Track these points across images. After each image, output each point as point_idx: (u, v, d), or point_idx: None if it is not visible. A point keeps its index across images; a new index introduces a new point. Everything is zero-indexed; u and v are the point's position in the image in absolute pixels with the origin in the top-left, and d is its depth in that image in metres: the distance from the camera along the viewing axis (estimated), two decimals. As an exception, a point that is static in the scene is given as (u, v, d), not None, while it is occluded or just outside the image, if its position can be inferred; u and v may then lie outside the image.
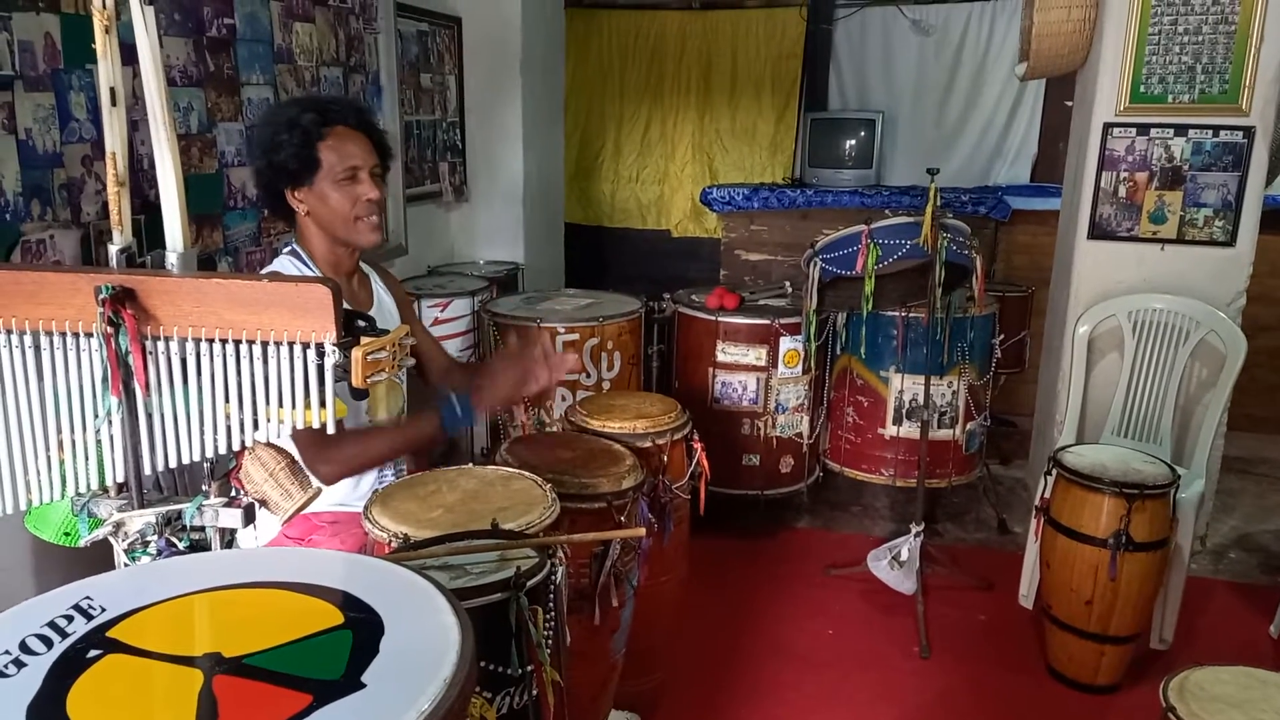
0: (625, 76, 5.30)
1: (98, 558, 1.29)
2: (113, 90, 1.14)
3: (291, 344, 1.20)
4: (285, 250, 1.98)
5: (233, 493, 1.29)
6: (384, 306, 2.11)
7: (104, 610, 0.87)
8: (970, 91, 5.10)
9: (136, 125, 1.91)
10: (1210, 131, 3.21)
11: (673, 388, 3.50)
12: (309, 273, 1.93)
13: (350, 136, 1.88)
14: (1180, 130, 3.23)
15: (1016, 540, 3.61)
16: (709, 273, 5.11)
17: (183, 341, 1.20)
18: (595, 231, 5.53)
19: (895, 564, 3.03)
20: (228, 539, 1.27)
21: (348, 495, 2.05)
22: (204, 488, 1.29)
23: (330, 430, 1.22)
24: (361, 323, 1.35)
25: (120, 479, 1.24)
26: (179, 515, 1.24)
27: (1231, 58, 3.13)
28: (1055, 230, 3.97)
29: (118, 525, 1.22)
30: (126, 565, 1.22)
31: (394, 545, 1.53)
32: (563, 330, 3.14)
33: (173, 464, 1.25)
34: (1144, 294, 3.25)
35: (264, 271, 1.97)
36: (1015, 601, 3.12)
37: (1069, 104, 5.05)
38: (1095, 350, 3.35)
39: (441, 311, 3.46)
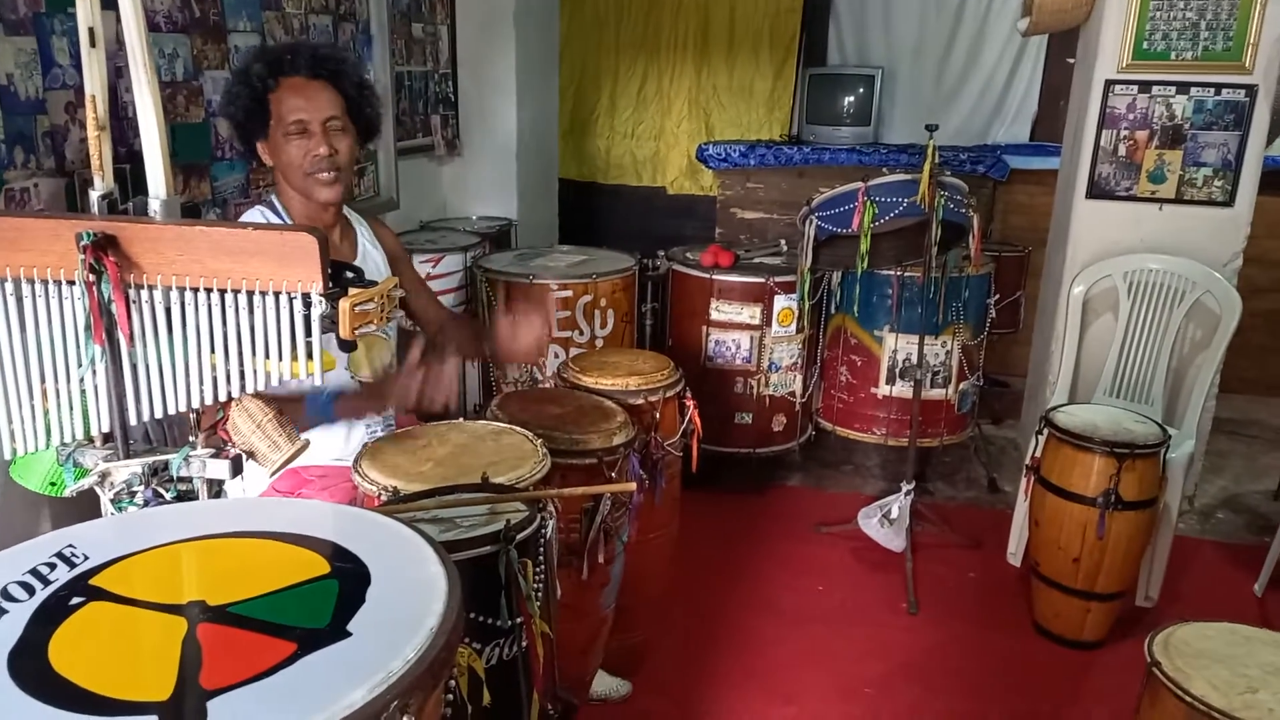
0: (621, 30, 5.20)
1: (84, 507, 1.28)
2: (92, 31, 1.11)
3: (277, 294, 1.18)
4: (261, 202, 1.96)
5: (220, 444, 1.28)
6: (369, 259, 2.08)
7: (87, 558, 0.86)
8: (971, 48, 5.03)
9: (121, 71, 1.87)
10: (1212, 90, 3.17)
11: (666, 346, 3.48)
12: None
13: (303, 88, 1.82)
14: (1182, 88, 3.19)
15: (1006, 499, 3.63)
16: (704, 230, 5.07)
17: (166, 290, 1.19)
18: (589, 188, 5.47)
19: (885, 521, 3.04)
20: (215, 492, 1.26)
21: (338, 449, 2.05)
22: (191, 439, 1.28)
23: (317, 382, 1.20)
24: (349, 274, 1.33)
25: (106, 429, 1.23)
26: (166, 466, 1.23)
27: (1236, 14, 3.08)
28: (1054, 190, 3.93)
29: (103, 475, 1.21)
30: (112, 514, 1.21)
31: (383, 498, 1.53)
32: (556, 286, 3.12)
33: (158, 414, 1.23)
34: (1140, 254, 3.23)
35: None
36: (1004, 559, 3.15)
37: (1071, 61, 4.98)
38: (1090, 310, 3.34)
39: (434, 267, 3.43)
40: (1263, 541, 3.34)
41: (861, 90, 4.79)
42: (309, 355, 1.23)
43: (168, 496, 1.22)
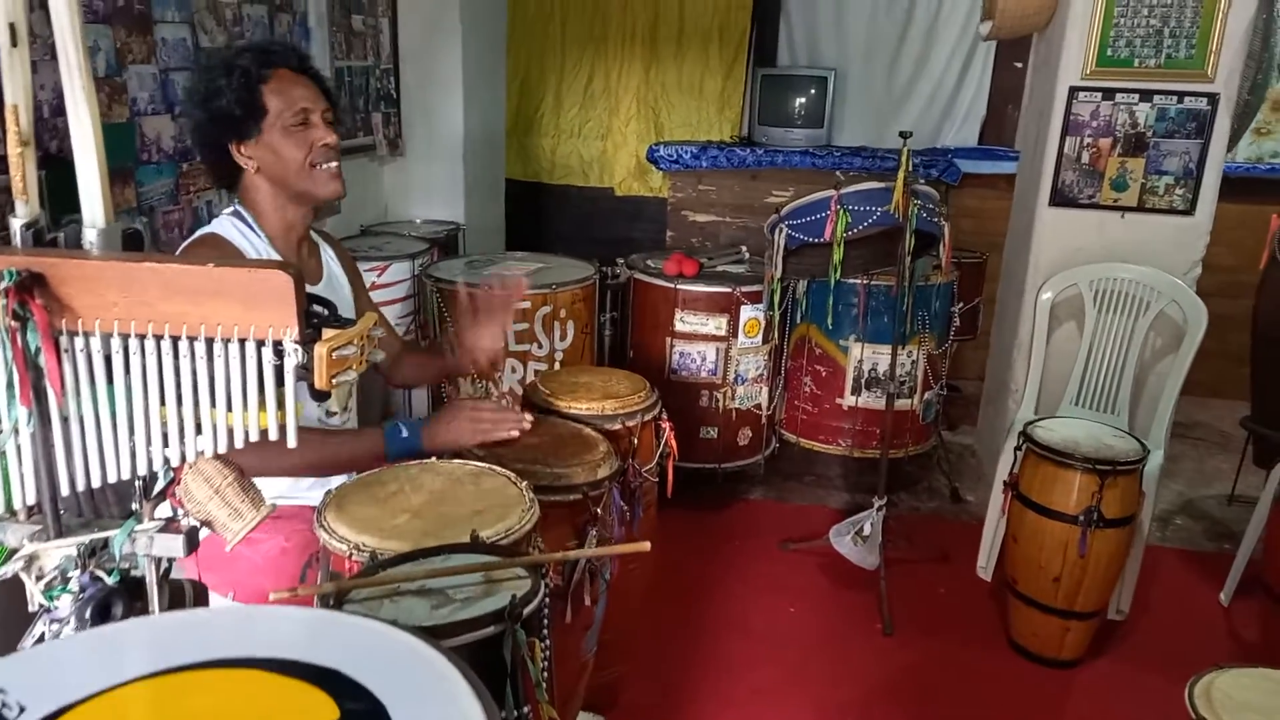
0: (567, 25, 5.01)
1: (6, 596, 1.08)
2: (13, 27, 0.92)
3: (243, 341, 1.00)
4: (227, 210, 1.75)
5: (171, 514, 1.09)
6: (334, 280, 1.91)
7: (23, 711, 0.67)
8: (921, 50, 4.98)
9: (35, 66, 1.64)
10: (1175, 98, 3.16)
11: (627, 358, 3.34)
12: (254, 237, 1.71)
13: (295, 80, 1.68)
14: (1145, 96, 3.18)
15: (969, 509, 3.60)
16: (653, 233, 4.94)
17: (106, 337, 0.99)
18: (535, 188, 5.26)
19: (859, 539, 2.95)
20: (165, 571, 1.08)
21: (290, 487, 1.86)
22: (135, 509, 1.08)
23: (291, 443, 1.03)
24: (320, 308, 1.16)
25: (32, 501, 1.04)
26: (105, 544, 1.04)
27: (1199, 22, 3.07)
28: (1003, 194, 3.91)
29: (31, 559, 1.01)
30: (43, 605, 1.02)
31: (355, 559, 1.35)
32: (507, 273, 2.94)
33: (95, 483, 1.04)
34: (1106, 263, 3.21)
35: (201, 232, 1.75)
36: (973, 573, 3.10)
37: (1019, 65, 4.99)
38: (1053, 319, 3.30)
39: (379, 276, 3.22)
40: (1221, 549, 3.37)
41: (814, 91, 4.71)
42: (279, 406, 1.05)
43: (109, 581, 1.03)
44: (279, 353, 1.01)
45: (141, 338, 0.99)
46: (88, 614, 1.01)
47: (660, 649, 2.65)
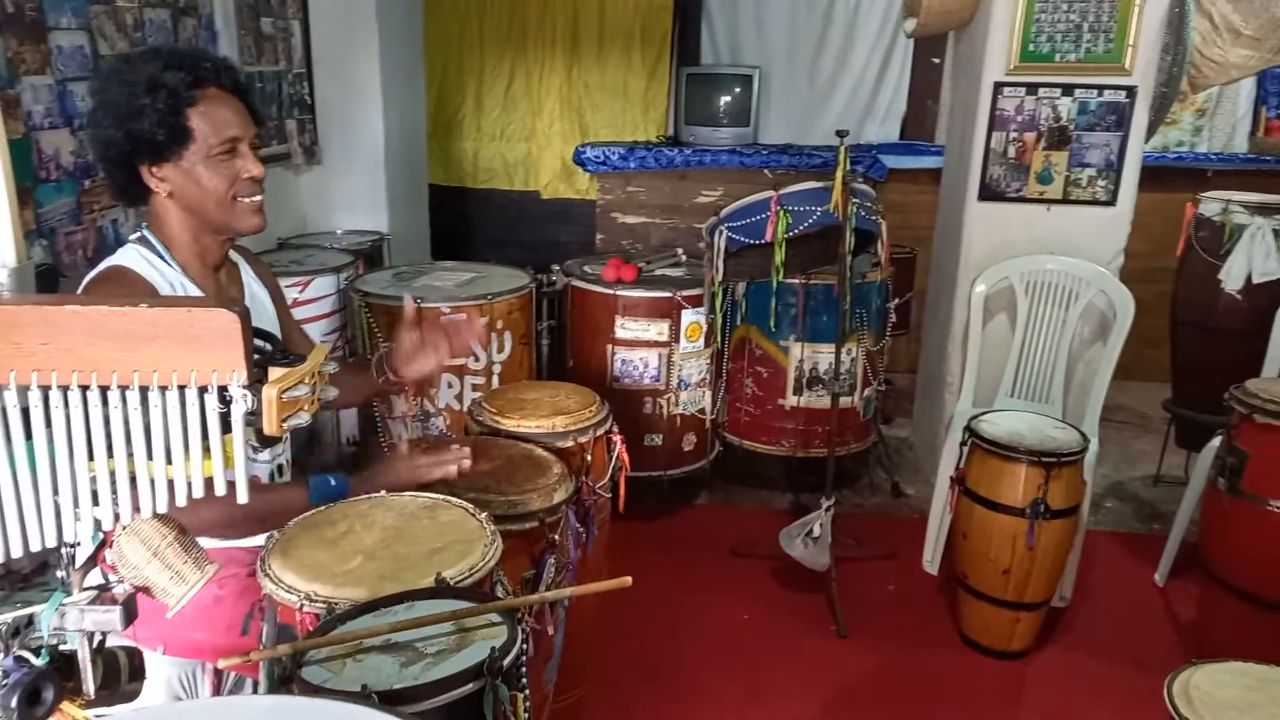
0: (485, 24, 4.88)
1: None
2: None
3: (183, 388, 0.90)
4: (132, 237, 1.60)
5: (103, 581, 0.98)
6: (257, 301, 1.77)
7: None
8: (842, 48, 5.02)
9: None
10: (1095, 91, 3.22)
11: (567, 368, 3.26)
12: (165, 267, 1.56)
13: (224, 101, 1.53)
14: (1067, 90, 3.24)
15: (910, 503, 3.62)
16: (582, 236, 4.85)
17: (24, 390, 0.88)
18: (458, 193, 5.11)
19: (809, 541, 2.93)
20: (99, 644, 0.97)
21: (222, 528, 1.73)
22: (61, 576, 0.97)
23: (242, 498, 0.93)
24: (263, 343, 1.06)
25: (-60, 579, 0.92)
26: (30, 621, 0.92)
27: (1117, 16, 3.13)
28: (927, 188, 3.95)
29: (-57, 645, 0.89)
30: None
31: (307, 610, 1.25)
32: (447, 310, 2.83)
33: (16, 552, 0.93)
34: (1036, 255, 3.26)
35: (104, 266, 1.59)
36: (920, 568, 3.13)
37: (936, 60, 5.07)
38: (985, 311, 3.34)
39: (301, 292, 3.07)
40: (1151, 529, 3.46)
41: (739, 90, 4.69)
42: (225, 451, 0.95)
43: (37, 662, 0.92)
44: (224, 399, 0.91)
45: (65, 389, 0.88)
46: (14, 702, 0.90)
47: (618, 667, 2.58)
